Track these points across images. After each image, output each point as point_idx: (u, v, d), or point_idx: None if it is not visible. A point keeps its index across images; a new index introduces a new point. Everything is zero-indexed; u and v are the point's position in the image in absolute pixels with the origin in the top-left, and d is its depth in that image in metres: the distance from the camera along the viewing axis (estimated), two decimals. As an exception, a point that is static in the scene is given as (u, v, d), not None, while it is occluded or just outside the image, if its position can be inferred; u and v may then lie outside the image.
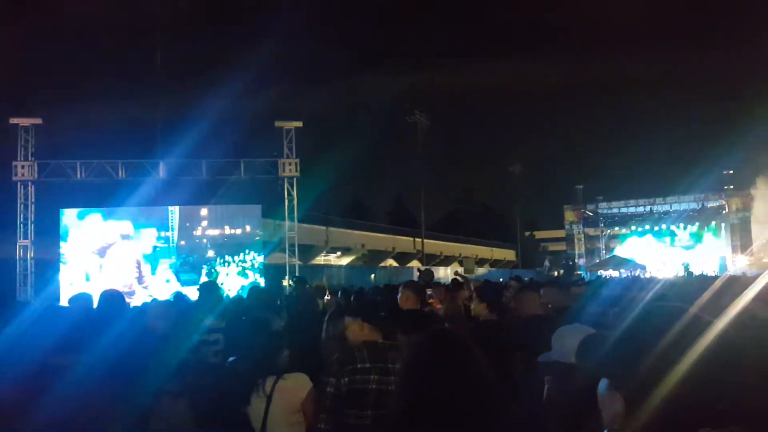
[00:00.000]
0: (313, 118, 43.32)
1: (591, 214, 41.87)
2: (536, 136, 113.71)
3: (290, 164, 19.47)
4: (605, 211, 41.59)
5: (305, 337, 4.80)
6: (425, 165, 42.59)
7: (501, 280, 24.92)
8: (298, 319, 6.02)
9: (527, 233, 62.71)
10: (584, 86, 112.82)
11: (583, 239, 41.89)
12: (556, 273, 38.49)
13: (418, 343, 2.23)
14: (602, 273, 30.95)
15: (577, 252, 41.63)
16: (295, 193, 19.74)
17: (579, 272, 35.35)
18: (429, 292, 7.76)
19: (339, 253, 39.59)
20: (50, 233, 17.99)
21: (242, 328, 4.40)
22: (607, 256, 38.70)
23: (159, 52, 22.07)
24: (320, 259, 37.08)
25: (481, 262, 49.69)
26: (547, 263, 41.10)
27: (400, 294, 5.47)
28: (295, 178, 19.66)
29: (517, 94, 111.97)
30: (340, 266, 35.58)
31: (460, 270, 13.89)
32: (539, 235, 66.26)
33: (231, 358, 3.70)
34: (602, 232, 42.17)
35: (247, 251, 17.95)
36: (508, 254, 57.29)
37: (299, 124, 19.82)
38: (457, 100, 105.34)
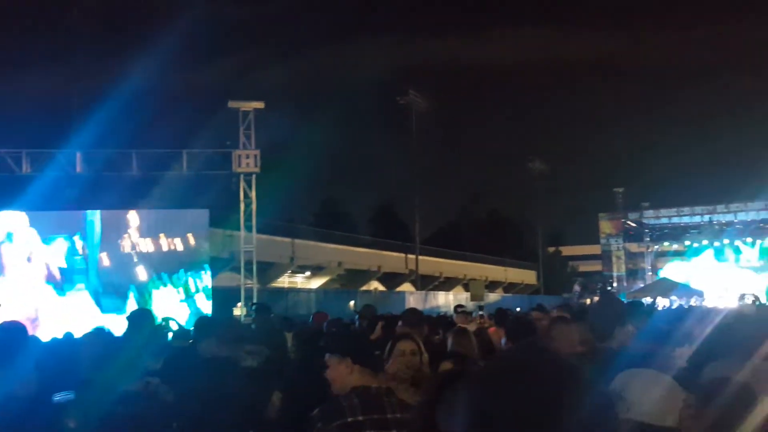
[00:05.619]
0: (276, 99, 43.32)
1: (633, 225, 42.11)
2: (563, 126, 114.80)
3: (248, 157, 19.35)
4: (652, 222, 41.84)
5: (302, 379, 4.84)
6: (420, 160, 42.64)
7: (518, 309, 25.09)
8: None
9: (551, 249, 63.39)
10: (624, 61, 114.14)
11: (623, 257, 42.14)
12: (588, 300, 38.83)
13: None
14: (647, 300, 31.12)
15: (615, 273, 41.88)
16: (253, 194, 19.66)
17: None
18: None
19: (308, 273, 39.51)
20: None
21: (203, 371, 4.30)
22: (654, 279, 38.95)
23: (77, 7, 21.86)
24: (284, 281, 36.99)
25: (492, 285, 49.94)
26: (577, 288, 41.55)
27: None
28: (253, 175, 19.59)
29: (538, 71, 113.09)
30: (310, 290, 35.45)
31: (465, 297, 13.95)
32: (567, 251, 66.97)
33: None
34: (648, 248, 42.47)
35: (189, 270, 17.82)
36: (527, 276, 57.67)
37: (260, 105, 19.78)
38: (463, 79, 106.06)
